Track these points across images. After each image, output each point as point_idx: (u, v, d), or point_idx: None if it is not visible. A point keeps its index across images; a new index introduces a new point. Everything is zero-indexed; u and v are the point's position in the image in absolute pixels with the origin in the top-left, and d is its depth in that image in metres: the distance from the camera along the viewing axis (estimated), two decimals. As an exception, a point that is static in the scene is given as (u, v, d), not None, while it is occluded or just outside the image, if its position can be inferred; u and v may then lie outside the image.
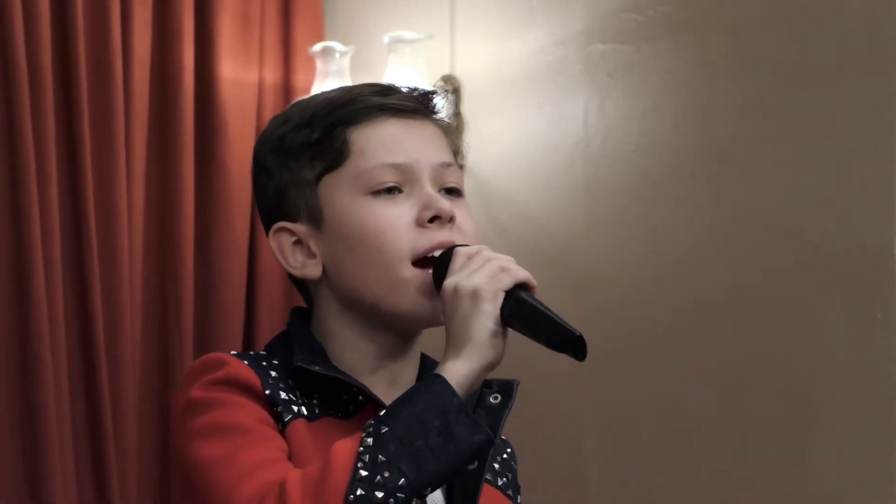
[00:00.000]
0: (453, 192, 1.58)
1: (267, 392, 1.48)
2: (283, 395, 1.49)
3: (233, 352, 1.53)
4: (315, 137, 1.55)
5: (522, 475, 1.70)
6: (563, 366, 3.27)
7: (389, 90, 1.59)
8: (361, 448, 1.37)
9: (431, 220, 1.53)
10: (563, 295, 3.09)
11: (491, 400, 1.53)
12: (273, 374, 1.51)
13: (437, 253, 1.53)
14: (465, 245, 1.53)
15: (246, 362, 1.50)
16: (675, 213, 3.19)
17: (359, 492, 1.35)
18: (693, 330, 3.15)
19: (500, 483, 1.63)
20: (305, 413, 1.50)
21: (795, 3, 3.02)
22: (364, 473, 1.35)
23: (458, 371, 1.43)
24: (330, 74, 3.62)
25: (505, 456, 1.67)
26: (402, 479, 1.35)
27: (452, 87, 3.60)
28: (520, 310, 1.46)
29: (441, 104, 1.61)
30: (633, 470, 3.24)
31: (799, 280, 2.98)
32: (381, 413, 1.41)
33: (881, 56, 2.87)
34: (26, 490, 3.27)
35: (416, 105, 1.59)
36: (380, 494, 1.35)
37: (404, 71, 3.53)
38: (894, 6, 2.85)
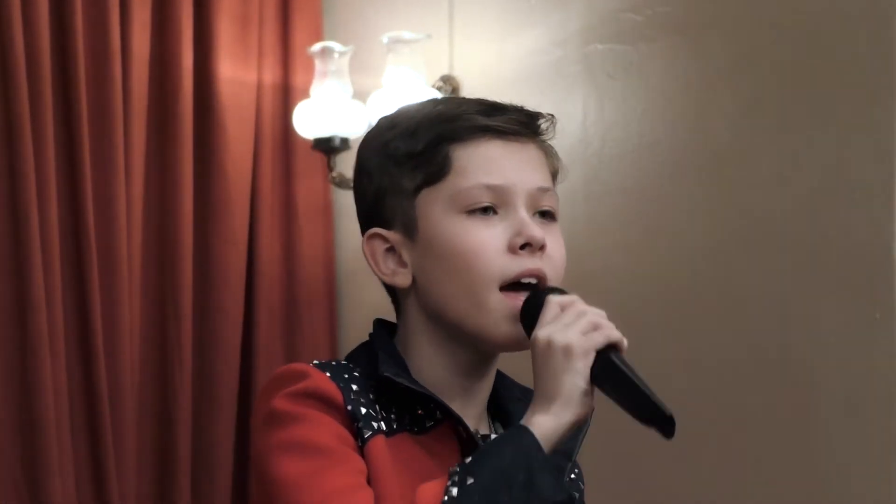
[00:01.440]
0: (547, 215, 1.60)
1: (349, 407, 1.50)
2: (363, 409, 1.50)
3: (315, 361, 1.54)
4: (419, 149, 1.56)
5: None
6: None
7: (496, 110, 1.59)
8: (446, 498, 1.39)
9: (522, 247, 1.54)
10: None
11: None
12: (354, 387, 1.52)
13: (525, 280, 1.54)
14: (558, 290, 1.54)
15: (328, 374, 1.51)
16: (674, 214, 3.20)
17: None
18: (692, 330, 3.15)
19: None
20: (384, 428, 1.51)
21: (794, 3, 3.03)
22: None
23: (546, 426, 1.44)
24: (329, 74, 3.62)
25: (573, 476, 1.68)
26: None
27: (451, 87, 3.60)
28: (611, 374, 1.46)
29: (546, 126, 1.62)
30: (631, 470, 3.24)
31: (798, 280, 2.98)
32: (467, 461, 1.42)
33: (881, 56, 2.87)
34: (25, 490, 3.27)
35: (520, 128, 1.59)
36: None
37: (403, 71, 3.53)
38: (894, 6, 2.86)
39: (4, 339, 3.28)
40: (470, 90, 3.52)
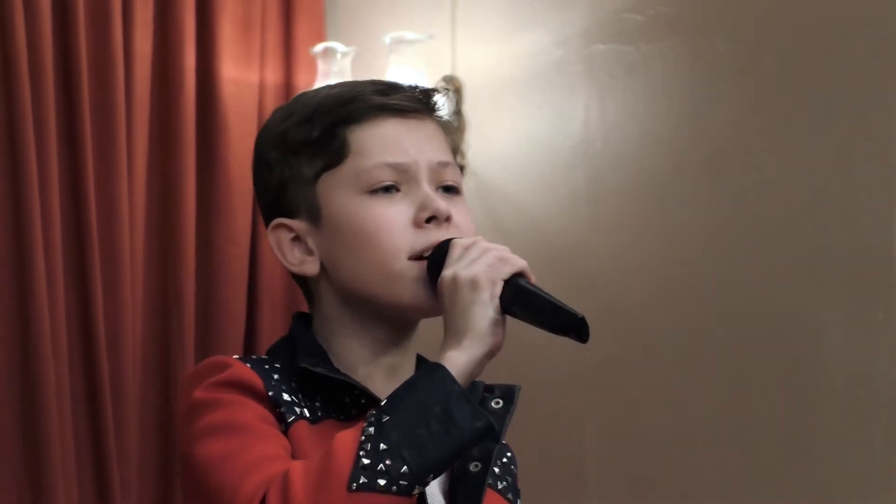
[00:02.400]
0: (451, 189, 1.59)
1: (270, 393, 1.49)
2: (285, 396, 1.50)
3: (235, 356, 1.54)
4: (315, 135, 1.56)
5: (523, 475, 1.70)
6: (564, 365, 3.29)
7: (391, 88, 1.59)
8: (363, 437, 1.38)
9: (428, 221, 1.54)
10: (564, 295, 3.08)
11: (493, 405, 1.55)
12: (276, 376, 1.52)
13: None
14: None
15: (248, 365, 1.52)
16: (676, 214, 3.20)
17: (361, 479, 1.36)
18: (694, 330, 3.15)
19: (500, 487, 1.63)
20: (308, 415, 1.50)
21: (795, 2, 3.03)
22: (366, 461, 1.36)
23: (458, 360, 1.44)
24: (331, 75, 3.62)
25: (505, 460, 1.67)
26: (405, 467, 1.36)
27: (453, 87, 3.60)
28: (520, 297, 1.47)
29: (442, 102, 1.61)
30: (633, 470, 3.24)
31: (800, 280, 2.98)
32: (383, 402, 1.42)
33: (881, 56, 2.87)
34: (27, 490, 3.27)
35: (417, 105, 1.59)
36: (382, 482, 1.36)
37: (405, 71, 3.54)
38: (894, 6, 2.86)
39: (6, 338, 3.28)
40: (472, 90, 3.53)
